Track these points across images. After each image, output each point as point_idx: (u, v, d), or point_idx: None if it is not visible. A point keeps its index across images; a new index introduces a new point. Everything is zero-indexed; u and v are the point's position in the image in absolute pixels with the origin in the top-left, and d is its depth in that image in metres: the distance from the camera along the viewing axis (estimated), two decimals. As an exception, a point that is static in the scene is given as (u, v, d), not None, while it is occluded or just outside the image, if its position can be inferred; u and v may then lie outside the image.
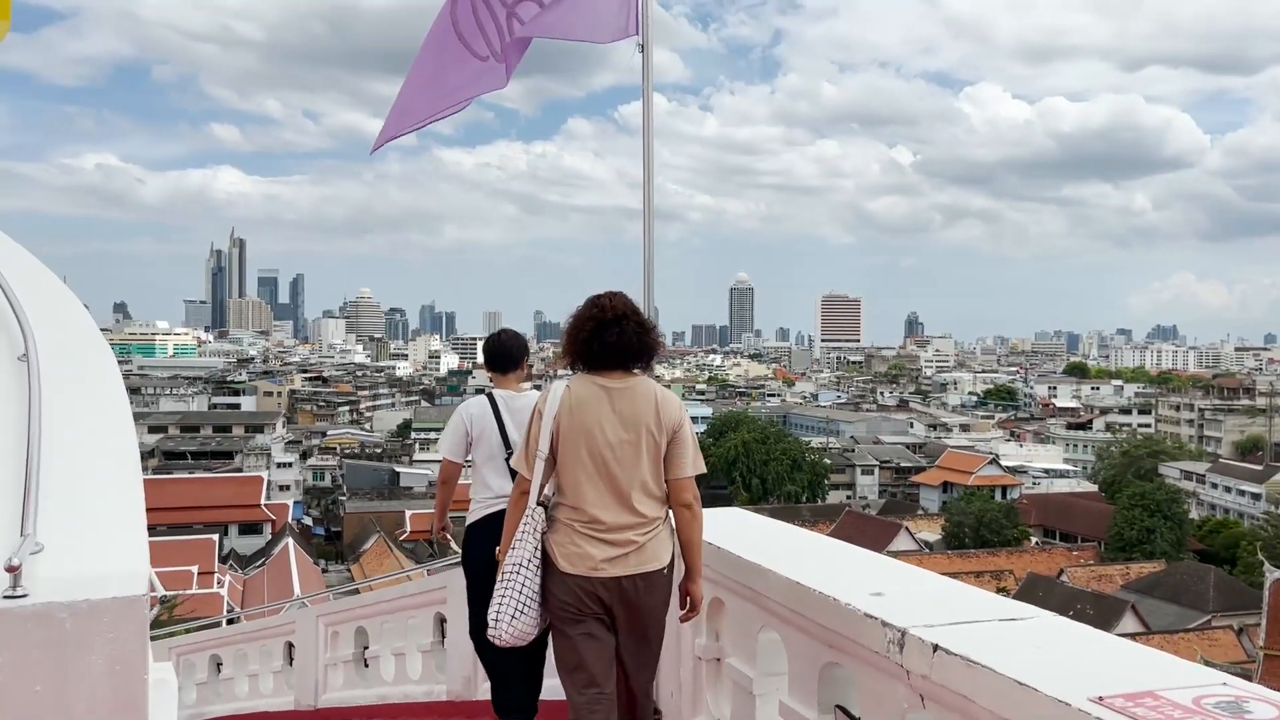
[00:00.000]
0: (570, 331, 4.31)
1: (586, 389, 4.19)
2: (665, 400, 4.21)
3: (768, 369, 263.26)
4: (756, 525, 5.37)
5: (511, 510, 4.23)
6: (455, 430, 5.60)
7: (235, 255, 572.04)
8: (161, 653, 8.21)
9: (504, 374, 5.76)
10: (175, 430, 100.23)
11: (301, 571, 55.33)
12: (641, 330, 4.27)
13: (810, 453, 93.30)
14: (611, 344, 4.20)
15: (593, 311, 4.27)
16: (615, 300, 4.32)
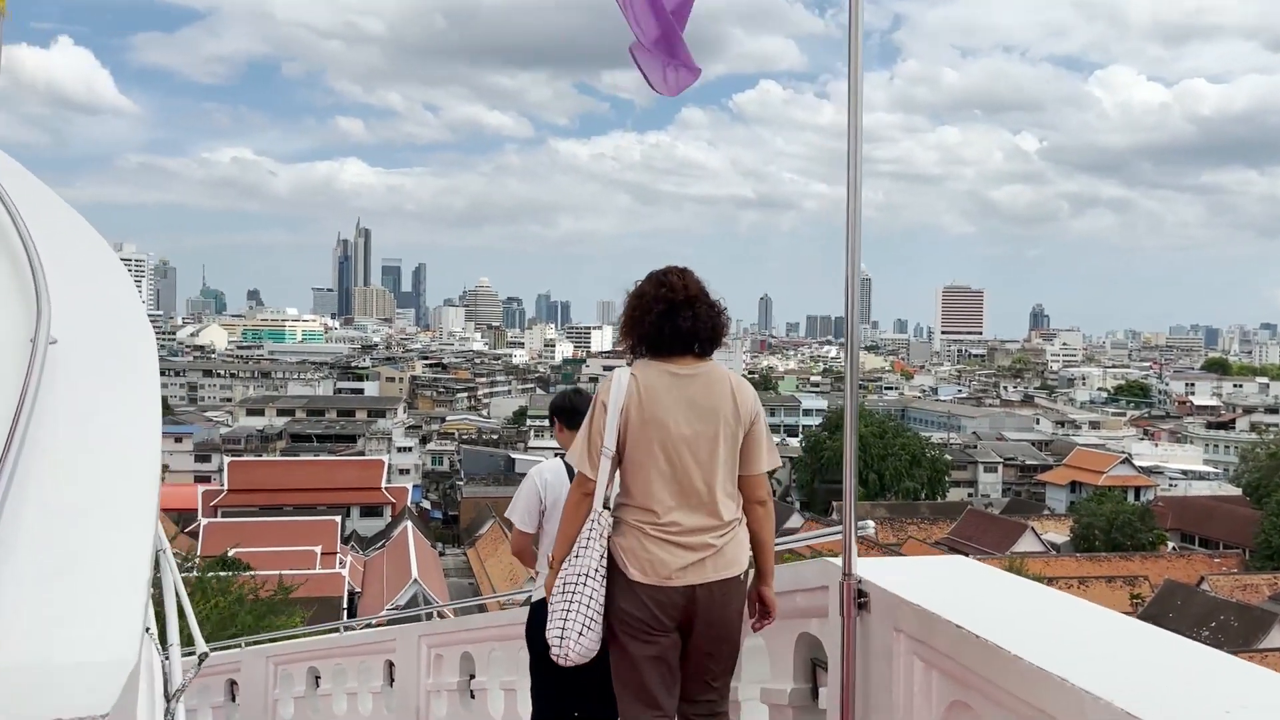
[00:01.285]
0: (634, 313, 3.90)
1: (656, 377, 3.78)
2: (741, 388, 3.86)
3: (885, 361, 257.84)
4: (1011, 591, 3.71)
5: (571, 514, 3.81)
6: (528, 497, 5.11)
7: (361, 245, 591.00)
8: (259, 662, 7.88)
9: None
10: (302, 414, 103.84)
11: (419, 554, 56.44)
12: (714, 313, 3.90)
13: (930, 448, 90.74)
14: (685, 329, 3.81)
15: (662, 291, 3.86)
16: (686, 279, 3.91)
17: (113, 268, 3.66)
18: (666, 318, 3.80)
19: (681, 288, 3.86)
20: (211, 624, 10.22)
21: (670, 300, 3.82)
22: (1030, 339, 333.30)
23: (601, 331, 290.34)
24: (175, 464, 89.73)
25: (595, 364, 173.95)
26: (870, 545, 59.60)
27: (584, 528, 3.73)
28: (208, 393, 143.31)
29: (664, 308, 3.82)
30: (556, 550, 3.83)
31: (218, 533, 59.71)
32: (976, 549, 60.75)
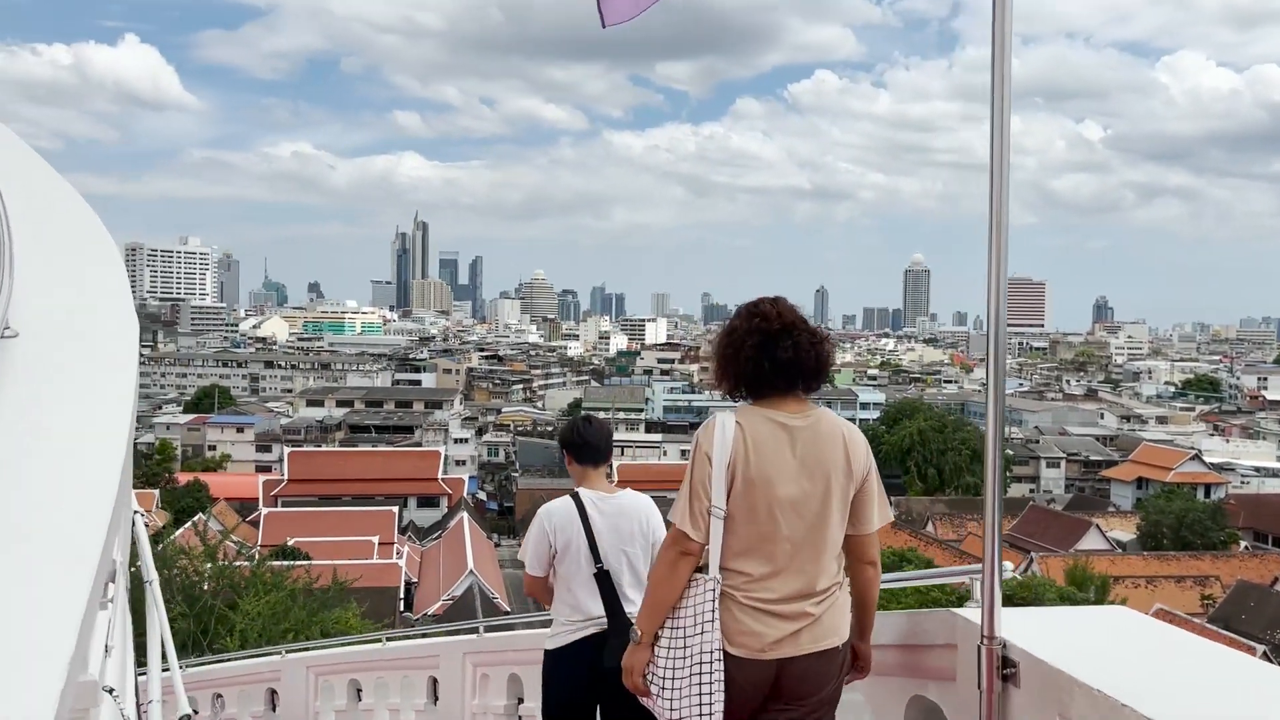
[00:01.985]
0: (727, 349, 3.54)
1: (762, 426, 3.39)
2: (854, 441, 3.50)
3: (944, 354, 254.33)
4: (1217, 662, 2.90)
5: (666, 576, 3.39)
6: (537, 540, 4.72)
7: (418, 238, 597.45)
8: (299, 671, 7.56)
9: (593, 467, 4.89)
10: (360, 405, 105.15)
11: (475, 545, 56.72)
12: (815, 341, 3.53)
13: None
14: (785, 361, 3.43)
15: (755, 322, 3.51)
16: (779, 306, 3.56)
17: (109, 259, 3.33)
18: (763, 350, 3.46)
19: (775, 316, 3.52)
20: (264, 620, 10.12)
21: (765, 330, 3.48)
22: (1094, 332, 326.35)
23: (655, 324, 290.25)
24: (237, 454, 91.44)
25: (650, 356, 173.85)
26: (929, 541, 58.67)
27: (691, 594, 3.36)
28: (269, 384, 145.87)
29: (759, 339, 3.47)
30: (648, 620, 3.45)
31: (278, 522, 60.66)
32: (1039, 546, 59.49)
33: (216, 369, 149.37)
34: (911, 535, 61.38)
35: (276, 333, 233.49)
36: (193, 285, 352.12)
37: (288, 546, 51.61)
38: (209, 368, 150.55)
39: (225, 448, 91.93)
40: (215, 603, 10.28)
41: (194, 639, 9.97)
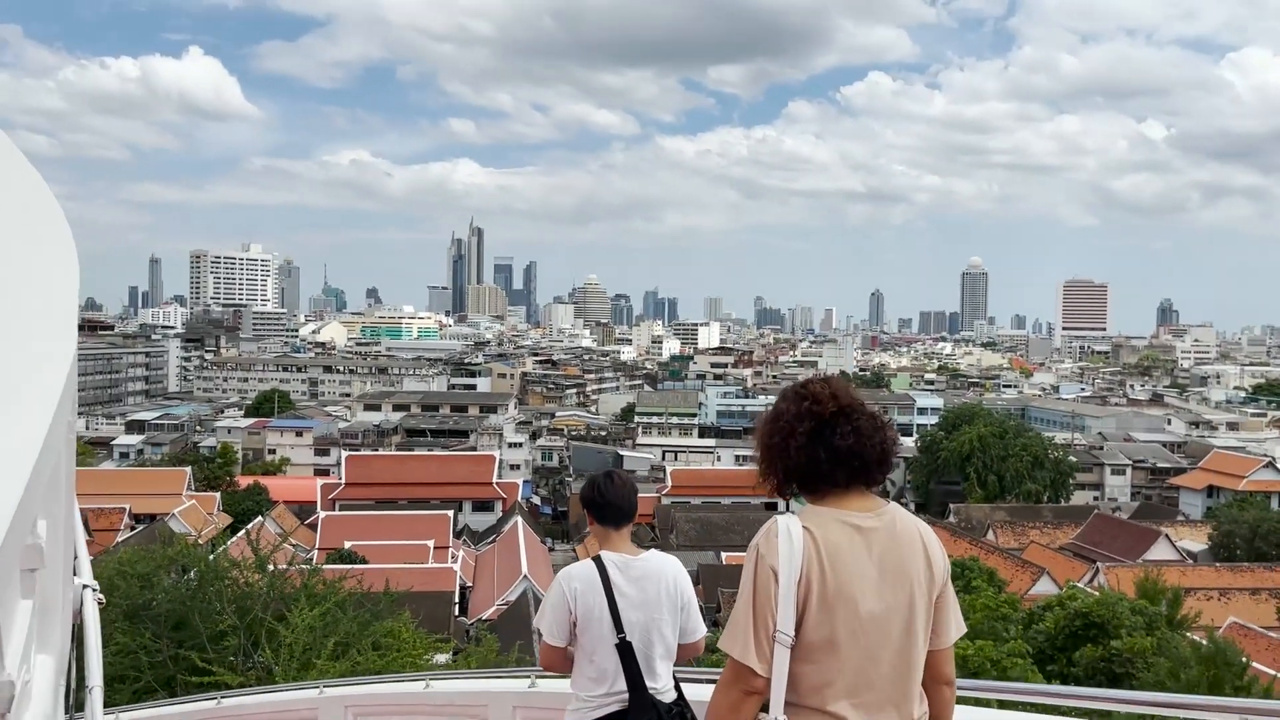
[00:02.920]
0: (773, 439, 3.07)
1: (835, 531, 2.91)
2: (932, 541, 3.05)
3: (1003, 358, 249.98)
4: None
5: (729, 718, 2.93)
6: (556, 607, 4.35)
7: (474, 244, 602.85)
8: (336, 709, 7.02)
9: (615, 529, 4.52)
10: (416, 409, 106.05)
11: (529, 550, 56.71)
12: (878, 426, 3.07)
13: (1053, 449, 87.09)
14: (845, 450, 2.97)
15: (805, 406, 3.04)
16: (833, 386, 3.10)
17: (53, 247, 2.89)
18: (818, 439, 3.00)
19: (829, 397, 3.05)
20: (314, 633, 9.96)
21: (819, 415, 3.03)
22: (1158, 335, 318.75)
23: (708, 328, 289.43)
24: (296, 457, 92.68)
25: (703, 360, 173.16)
26: (989, 550, 57.39)
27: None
28: (327, 388, 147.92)
29: (812, 425, 3.02)
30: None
31: (335, 525, 61.25)
32: (1105, 555, 57.88)
33: (277, 373, 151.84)
34: (971, 544, 60.07)
35: (335, 338, 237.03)
36: (254, 291, 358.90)
37: (344, 550, 52.07)
38: (269, 372, 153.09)
39: (285, 451, 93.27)
40: (265, 615, 10.16)
41: (244, 652, 9.85)
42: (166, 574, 10.66)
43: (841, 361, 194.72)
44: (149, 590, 10.25)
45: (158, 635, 9.79)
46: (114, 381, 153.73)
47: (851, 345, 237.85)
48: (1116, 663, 15.42)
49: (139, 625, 9.88)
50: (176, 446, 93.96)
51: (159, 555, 11.04)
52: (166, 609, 9.92)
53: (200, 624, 9.82)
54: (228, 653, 9.91)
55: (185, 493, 69.07)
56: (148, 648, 9.65)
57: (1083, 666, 15.90)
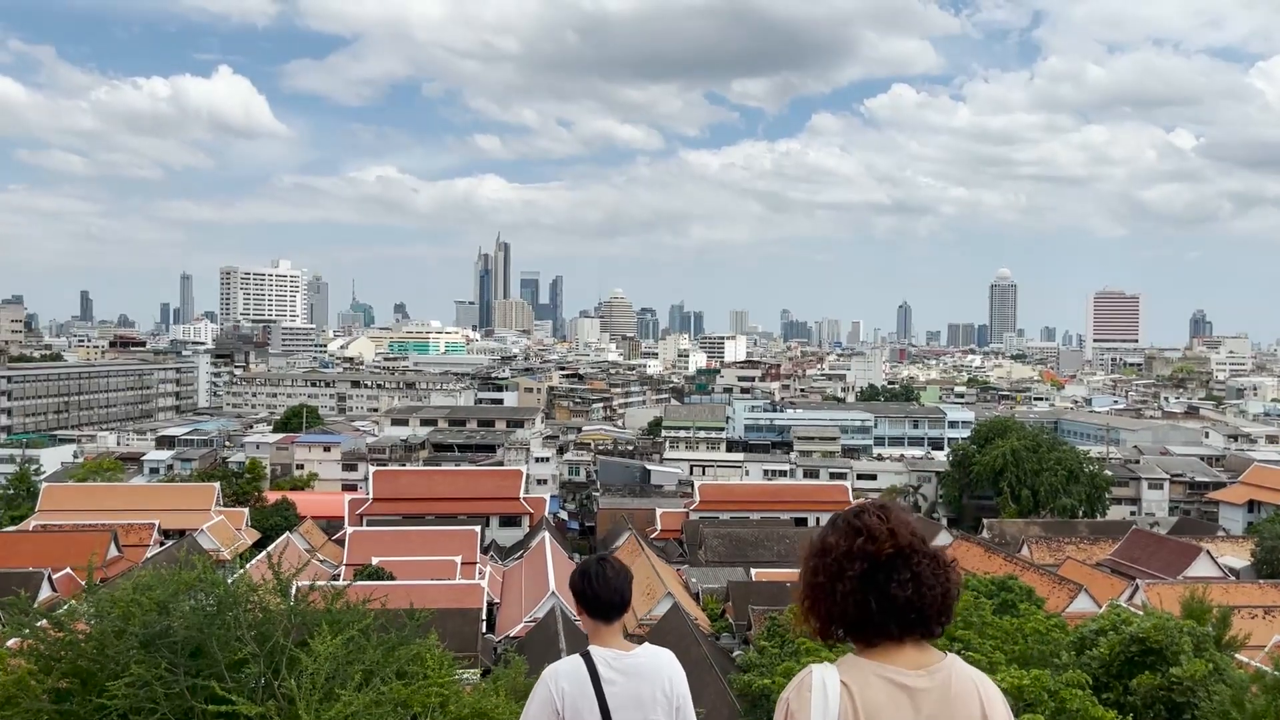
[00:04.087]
0: (818, 577, 2.79)
1: (876, 689, 2.61)
2: (992, 700, 2.70)
3: (1033, 371, 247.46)
4: None
5: None
6: (541, 709, 4.00)
7: (500, 258, 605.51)
8: None
9: (607, 623, 4.25)
10: (444, 423, 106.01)
11: (557, 565, 56.22)
12: (939, 569, 2.73)
13: (1088, 462, 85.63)
14: (902, 600, 2.64)
15: (859, 543, 2.71)
16: (891, 520, 2.76)
17: None
18: (870, 583, 2.64)
19: (887, 535, 2.69)
20: (336, 661, 9.52)
21: (873, 556, 2.67)
22: (1191, 346, 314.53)
23: (735, 341, 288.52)
24: (324, 473, 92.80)
25: (729, 374, 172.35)
26: (1025, 566, 56.43)
27: None
28: (355, 403, 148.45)
29: (864, 567, 2.67)
30: None
31: (363, 541, 61.07)
32: (1144, 572, 56.64)
33: (305, 389, 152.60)
34: (1006, 560, 59.03)
35: (363, 353, 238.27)
36: (284, 307, 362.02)
37: (372, 566, 51.80)
38: (298, 387, 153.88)
39: (312, 466, 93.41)
40: (287, 642, 9.74)
41: (265, 682, 9.44)
42: (185, 599, 10.30)
43: (870, 374, 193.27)
44: (166, 616, 9.89)
45: (174, 665, 9.38)
46: (145, 397, 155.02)
47: (880, 358, 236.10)
48: (1176, 691, 14.69)
49: (155, 654, 9.50)
50: (206, 462, 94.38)
51: (176, 579, 10.69)
52: (184, 636, 9.55)
53: (218, 651, 9.42)
54: (248, 682, 9.49)
55: (214, 508, 69.19)
56: (164, 678, 9.25)
57: (1140, 695, 15.18)
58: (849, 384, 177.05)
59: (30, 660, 9.97)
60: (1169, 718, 14.90)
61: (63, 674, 10.08)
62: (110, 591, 11.06)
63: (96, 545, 54.80)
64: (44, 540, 57.63)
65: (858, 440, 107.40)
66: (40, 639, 10.15)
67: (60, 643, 10.08)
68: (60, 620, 10.63)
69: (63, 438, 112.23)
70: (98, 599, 10.62)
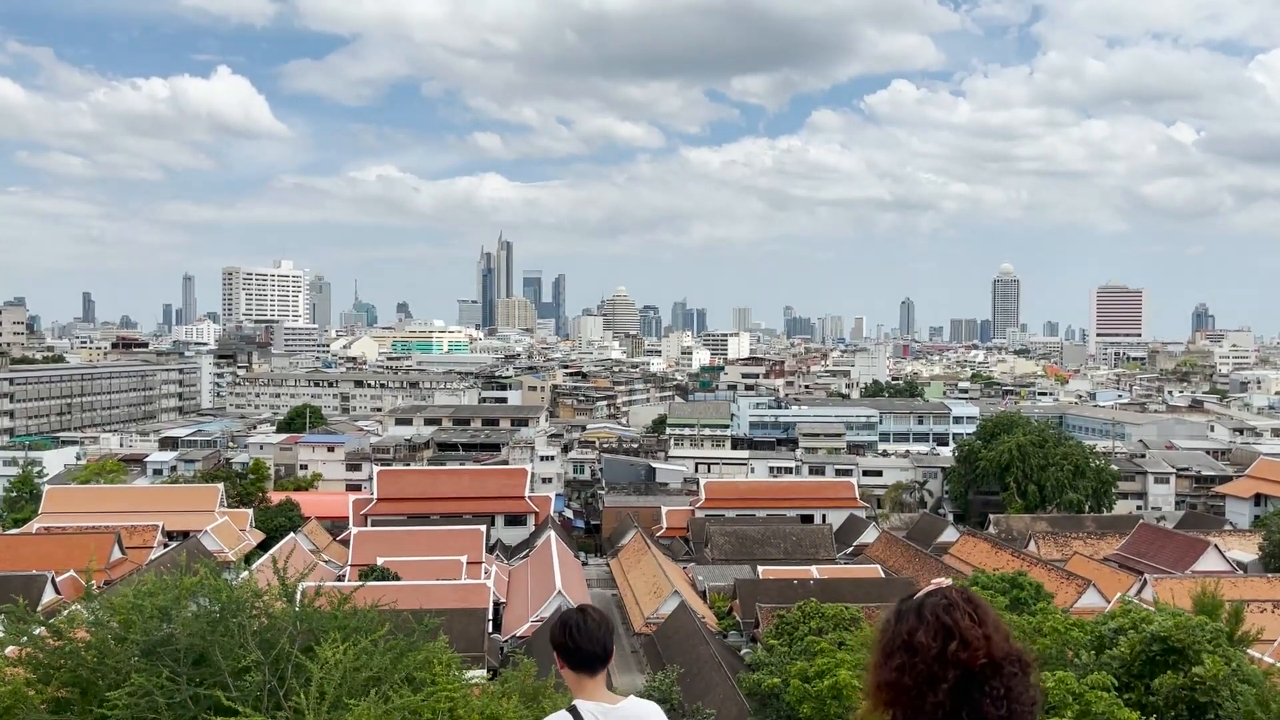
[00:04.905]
0: (905, 679, 2.53)
1: None
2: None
3: (1037, 366, 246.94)
4: None
5: None
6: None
7: (503, 257, 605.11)
8: None
9: (590, 675, 4.05)
10: (448, 423, 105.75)
11: (563, 564, 56.01)
12: (1028, 680, 2.53)
13: (1094, 457, 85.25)
14: (994, 718, 2.45)
15: (951, 648, 2.49)
16: (984, 621, 2.54)
17: None
18: (963, 697, 2.45)
19: (982, 641, 2.48)
20: (343, 669, 9.28)
21: (967, 664, 2.46)
22: (1194, 340, 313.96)
23: (738, 338, 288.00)
24: (328, 473, 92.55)
25: (734, 371, 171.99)
26: (1033, 562, 56.09)
27: None
28: (359, 403, 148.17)
29: (957, 675, 2.46)
30: None
31: (368, 542, 60.86)
32: (1152, 567, 56.35)
33: (309, 389, 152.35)
34: (1014, 555, 58.76)
35: (366, 352, 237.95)
36: (286, 307, 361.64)
37: (377, 567, 51.56)
38: (301, 387, 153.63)
39: (316, 466, 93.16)
40: (293, 649, 9.50)
41: (269, 692, 9.19)
42: (187, 604, 10.04)
43: (874, 371, 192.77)
44: (168, 623, 9.64)
45: (176, 673, 9.15)
46: (148, 398, 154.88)
47: (883, 354, 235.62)
48: (1199, 691, 14.36)
49: (157, 662, 9.26)
50: (209, 463, 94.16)
51: (178, 585, 10.43)
52: (186, 644, 9.29)
53: (222, 659, 9.18)
54: (252, 690, 9.25)
55: (218, 509, 68.97)
56: (166, 687, 9.01)
57: (1162, 695, 14.87)
58: (853, 380, 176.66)
59: (29, 669, 9.76)
60: (1191, 718, 14.61)
61: (62, 683, 9.88)
62: (110, 597, 10.83)
63: (100, 547, 54.70)
64: (47, 543, 57.45)
65: (863, 437, 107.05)
66: (39, 647, 9.94)
67: (59, 651, 9.86)
68: (59, 628, 10.38)
69: (65, 439, 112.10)
70: (97, 605, 10.41)
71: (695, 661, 39.90)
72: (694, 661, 39.93)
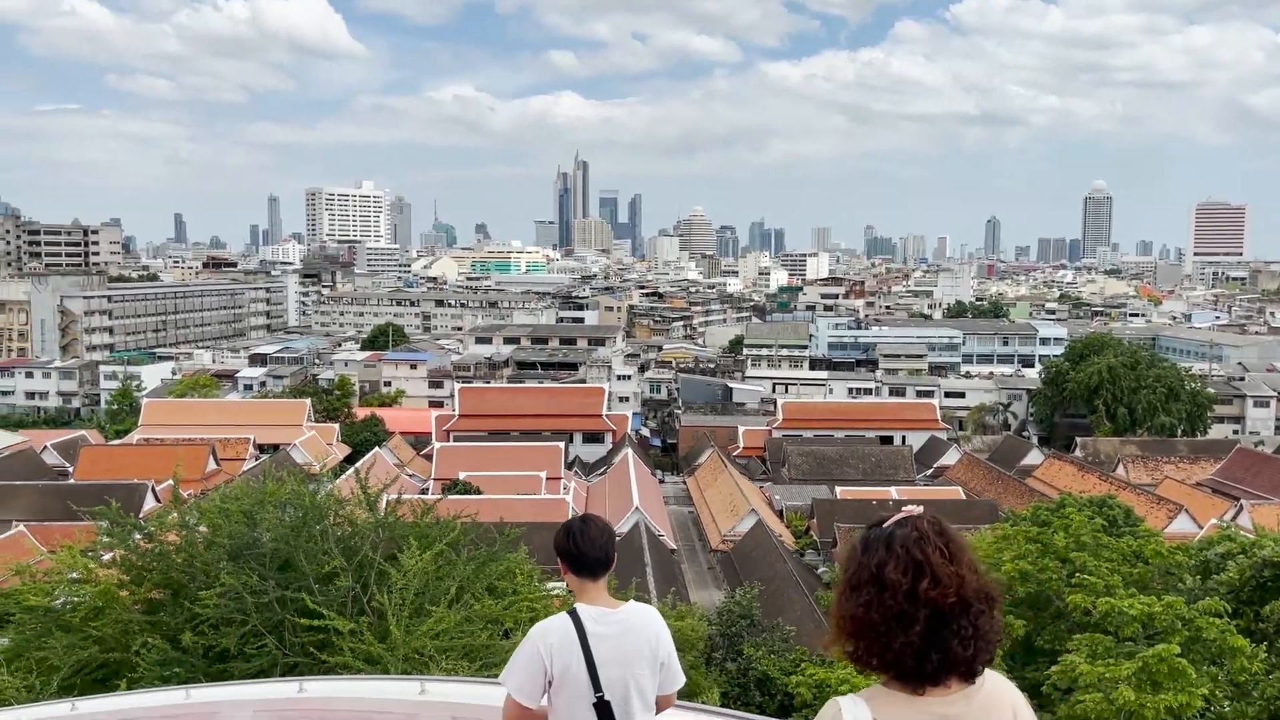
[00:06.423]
0: (873, 615, 2.48)
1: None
2: (1023, 714, 2.57)
3: (1129, 286, 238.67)
4: None
5: None
6: (528, 663, 4.07)
7: (579, 177, 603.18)
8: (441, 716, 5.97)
9: (593, 580, 4.21)
10: (526, 342, 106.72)
11: (640, 481, 56.46)
12: (992, 613, 2.51)
13: (1189, 380, 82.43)
14: (961, 658, 2.43)
15: (922, 586, 2.44)
16: (954, 555, 2.49)
17: None
18: (933, 637, 2.41)
19: (953, 579, 2.45)
20: (425, 576, 9.26)
21: (936, 603, 2.43)
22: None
23: (817, 259, 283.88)
24: (411, 389, 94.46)
25: (812, 291, 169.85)
26: (1121, 486, 54.74)
27: None
28: (439, 322, 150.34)
29: (929, 615, 2.42)
30: None
31: (450, 456, 62.08)
32: (1249, 493, 54.56)
33: (391, 308, 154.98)
34: (1101, 479, 57.39)
35: (446, 272, 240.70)
36: (368, 227, 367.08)
37: (460, 481, 52.64)
38: (384, 306, 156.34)
39: (400, 383, 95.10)
40: (375, 556, 9.53)
41: (354, 597, 9.24)
42: (271, 510, 10.15)
43: (958, 291, 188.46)
44: (254, 527, 9.75)
45: (264, 576, 9.25)
46: (237, 316, 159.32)
47: (967, 274, 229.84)
48: (1313, 618, 13.86)
49: (244, 565, 9.37)
50: (296, 379, 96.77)
51: (261, 491, 10.54)
52: (271, 548, 9.39)
53: (306, 564, 9.25)
54: (337, 596, 9.32)
55: (305, 424, 70.97)
56: (253, 589, 9.11)
57: (1273, 622, 14.28)
58: (935, 301, 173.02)
59: (122, 571, 10.04)
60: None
61: (154, 585, 10.16)
62: (198, 502, 11.07)
63: (196, 459, 56.82)
64: (147, 453, 59.86)
65: (945, 358, 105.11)
66: (132, 550, 10.20)
67: (150, 554, 10.11)
68: (150, 531, 10.62)
69: (161, 355, 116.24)
70: (185, 509, 10.64)
71: (773, 579, 40.02)
72: (771, 579, 40.03)
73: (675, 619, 27.88)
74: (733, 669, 28.12)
